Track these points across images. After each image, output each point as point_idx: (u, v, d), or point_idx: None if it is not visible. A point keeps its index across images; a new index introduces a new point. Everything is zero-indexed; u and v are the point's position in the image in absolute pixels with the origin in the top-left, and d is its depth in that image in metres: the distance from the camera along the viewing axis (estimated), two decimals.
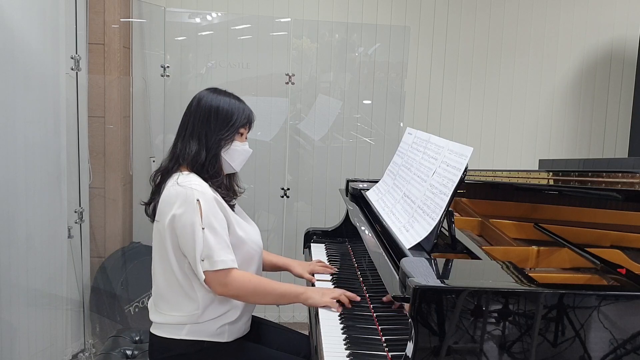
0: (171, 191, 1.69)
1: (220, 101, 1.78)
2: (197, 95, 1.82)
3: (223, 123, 1.77)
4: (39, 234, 2.66)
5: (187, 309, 1.71)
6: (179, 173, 1.74)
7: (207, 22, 3.49)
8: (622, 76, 3.83)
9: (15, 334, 2.53)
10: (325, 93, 3.59)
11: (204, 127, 1.76)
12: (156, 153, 3.47)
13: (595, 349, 1.20)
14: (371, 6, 3.70)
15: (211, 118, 1.76)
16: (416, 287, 1.17)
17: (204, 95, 1.80)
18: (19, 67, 2.47)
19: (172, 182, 1.71)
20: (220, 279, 1.65)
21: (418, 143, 1.93)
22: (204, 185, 1.71)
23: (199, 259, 1.63)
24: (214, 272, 1.64)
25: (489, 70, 3.81)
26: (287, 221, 3.62)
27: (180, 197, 1.66)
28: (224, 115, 1.77)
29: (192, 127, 1.77)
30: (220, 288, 1.67)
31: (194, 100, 1.81)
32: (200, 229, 1.63)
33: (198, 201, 1.64)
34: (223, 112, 1.77)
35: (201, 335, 1.73)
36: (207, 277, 1.65)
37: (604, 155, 3.87)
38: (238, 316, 1.77)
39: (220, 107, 1.78)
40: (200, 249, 1.63)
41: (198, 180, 1.71)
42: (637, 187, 1.43)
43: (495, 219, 2.03)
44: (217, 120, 1.77)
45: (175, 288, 1.72)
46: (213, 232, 1.65)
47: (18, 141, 2.48)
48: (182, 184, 1.68)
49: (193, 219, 1.63)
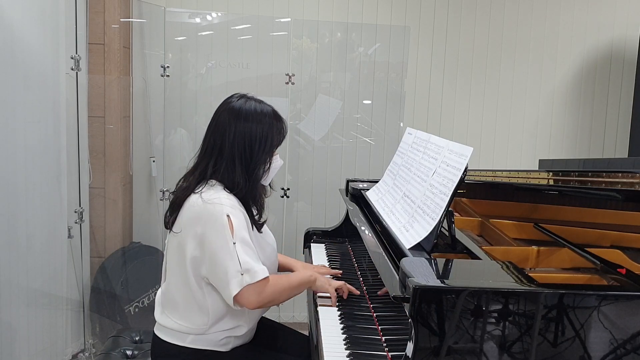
0: (197, 208, 1.61)
1: (252, 124, 1.65)
2: (230, 109, 1.68)
3: (260, 151, 1.67)
4: (39, 234, 2.66)
5: (197, 322, 1.68)
6: (204, 183, 1.66)
7: (207, 22, 3.49)
8: (622, 76, 3.83)
9: (15, 334, 2.53)
10: (325, 93, 3.59)
11: (242, 154, 1.65)
12: (156, 153, 3.47)
13: (595, 349, 1.20)
14: (371, 6, 3.70)
15: (245, 144, 1.65)
16: (416, 287, 1.17)
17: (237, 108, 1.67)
18: (19, 67, 2.47)
19: (197, 196, 1.62)
20: (260, 289, 1.60)
21: (418, 143, 1.93)
22: (232, 198, 1.64)
23: (236, 274, 1.56)
24: (255, 283, 1.58)
25: (489, 70, 3.81)
26: (287, 221, 3.62)
27: (207, 214, 1.58)
28: (259, 141, 1.66)
29: (229, 149, 1.65)
30: (256, 298, 1.60)
31: (222, 114, 1.68)
32: (232, 245, 1.57)
33: (228, 216, 1.58)
34: (259, 137, 1.66)
35: (205, 345, 1.70)
36: (245, 291, 1.58)
37: (604, 155, 3.87)
38: (244, 332, 1.75)
39: (254, 130, 1.65)
40: (237, 263, 1.57)
41: (225, 194, 1.64)
42: (637, 187, 1.43)
43: (495, 219, 2.03)
44: (255, 147, 1.65)
45: (189, 299, 1.68)
46: (245, 245, 1.60)
47: (18, 141, 2.48)
48: (209, 200, 1.60)
49: (224, 236, 1.57)
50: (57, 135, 2.80)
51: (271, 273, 1.76)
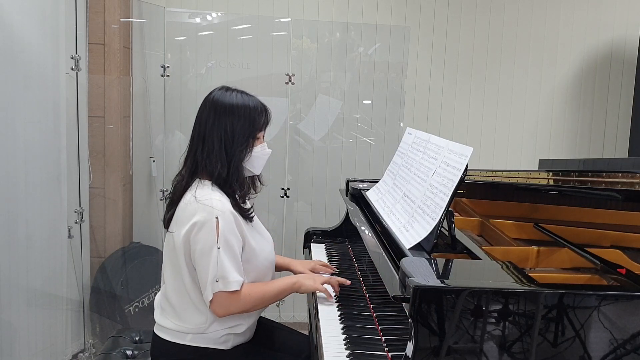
0: (190, 207, 1.63)
1: (233, 107, 1.69)
2: (210, 99, 1.72)
3: (241, 132, 1.69)
4: (39, 234, 2.66)
5: (194, 322, 1.69)
6: (197, 182, 1.68)
7: (207, 22, 3.49)
8: (622, 76, 3.83)
9: (15, 334, 2.53)
10: (325, 93, 3.59)
11: (221, 137, 1.68)
12: (156, 153, 3.47)
13: (595, 349, 1.20)
14: (371, 6, 3.70)
15: (227, 125, 1.68)
16: (416, 287, 1.17)
17: (217, 98, 1.71)
18: (19, 67, 2.47)
19: (190, 195, 1.65)
20: (229, 299, 1.62)
21: (418, 143, 1.93)
22: (224, 200, 1.65)
23: (212, 280, 1.59)
24: (226, 293, 1.61)
25: (489, 70, 3.81)
26: (287, 221, 3.62)
27: (198, 214, 1.60)
28: (239, 123, 1.69)
29: (209, 137, 1.68)
30: (223, 309, 1.63)
31: (206, 103, 1.72)
32: (216, 250, 1.58)
33: (217, 219, 1.59)
34: (235, 125, 1.68)
35: (205, 343, 1.71)
36: (216, 297, 1.61)
37: (604, 155, 3.87)
38: (244, 330, 1.76)
39: (234, 113, 1.68)
40: (215, 268, 1.58)
41: (218, 194, 1.65)
42: (637, 187, 1.43)
43: (495, 219, 2.03)
44: (235, 127, 1.68)
45: (185, 299, 1.69)
46: (229, 252, 1.61)
47: (18, 141, 2.48)
48: (202, 200, 1.62)
49: (210, 239, 1.59)
50: (57, 135, 2.80)
51: (266, 265, 1.80)
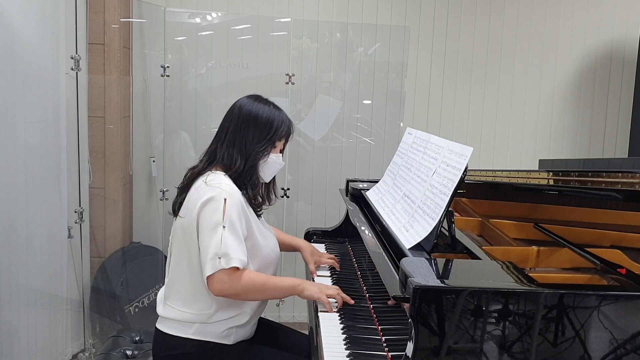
0: (200, 190, 1.70)
1: (260, 110, 1.80)
2: (239, 102, 1.83)
3: (262, 134, 1.79)
4: (39, 234, 2.66)
5: (200, 307, 1.71)
6: (209, 172, 1.76)
7: (207, 22, 3.49)
8: (622, 76, 3.83)
9: (15, 334, 2.53)
10: (325, 93, 3.59)
11: (244, 136, 1.78)
12: (156, 153, 3.47)
13: (595, 349, 1.20)
14: (371, 6, 3.70)
15: (250, 127, 1.78)
16: (416, 287, 1.17)
17: (245, 102, 1.82)
18: (19, 67, 2.47)
19: (201, 181, 1.72)
20: (229, 276, 1.63)
21: (418, 143, 1.93)
22: (233, 187, 1.72)
23: (214, 256, 1.62)
24: (227, 270, 1.63)
25: (489, 70, 3.81)
26: (287, 221, 3.62)
27: (208, 194, 1.67)
28: (262, 125, 1.79)
29: (232, 134, 1.79)
30: (222, 285, 1.64)
31: (235, 107, 1.83)
32: (222, 227, 1.63)
33: (225, 200, 1.66)
34: (262, 122, 1.79)
35: (208, 336, 1.73)
36: (217, 274, 1.63)
37: (604, 155, 3.87)
38: (247, 321, 1.77)
39: (260, 116, 1.80)
40: (218, 246, 1.62)
41: (228, 181, 1.73)
42: (637, 187, 1.43)
43: (495, 219, 2.03)
44: (256, 130, 1.79)
45: (194, 283, 1.71)
46: (233, 232, 1.65)
47: (18, 141, 2.48)
48: (211, 183, 1.70)
49: (216, 216, 1.64)
50: (57, 135, 2.80)
51: (272, 256, 1.84)
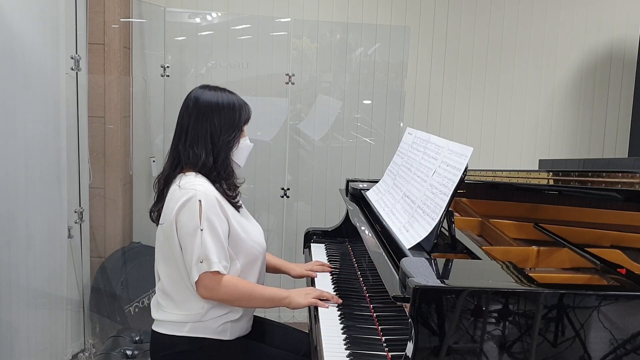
0: (174, 195, 1.68)
1: (219, 98, 1.74)
2: (193, 95, 1.75)
3: (227, 122, 1.73)
4: (39, 234, 2.66)
5: (192, 308, 1.71)
6: (181, 175, 1.73)
7: (207, 22, 3.49)
8: (622, 76, 3.83)
9: (15, 334, 2.53)
10: (325, 93, 3.59)
11: (207, 129, 1.72)
12: (156, 153, 3.47)
13: (595, 349, 1.20)
14: (371, 6, 3.70)
15: (214, 117, 1.72)
16: (416, 287, 1.17)
17: (199, 93, 1.75)
18: (19, 67, 2.47)
19: (175, 187, 1.70)
20: (213, 281, 1.65)
21: (418, 143, 1.93)
22: (207, 185, 1.69)
23: (197, 261, 1.63)
24: (210, 273, 1.63)
25: (489, 70, 3.81)
26: (287, 221, 3.62)
27: (183, 198, 1.65)
28: (226, 113, 1.73)
29: (193, 129, 1.72)
30: (208, 292, 1.66)
31: (189, 100, 1.75)
32: (199, 232, 1.62)
33: (200, 202, 1.63)
34: (225, 109, 1.73)
35: (203, 333, 1.73)
36: (202, 278, 1.64)
37: (604, 155, 3.87)
38: (240, 316, 1.78)
39: (221, 104, 1.73)
40: (199, 249, 1.62)
41: (201, 180, 1.70)
42: (637, 187, 1.43)
43: (495, 219, 2.03)
44: (221, 118, 1.72)
45: (181, 287, 1.71)
46: (212, 234, 1.64)
47: (18, 141, 2.48)
48: (185, 186, 1.67)
49: (193, 221, 1.63)
50: (57, 135, 2.80)
51: (257, 249, 1.81)
